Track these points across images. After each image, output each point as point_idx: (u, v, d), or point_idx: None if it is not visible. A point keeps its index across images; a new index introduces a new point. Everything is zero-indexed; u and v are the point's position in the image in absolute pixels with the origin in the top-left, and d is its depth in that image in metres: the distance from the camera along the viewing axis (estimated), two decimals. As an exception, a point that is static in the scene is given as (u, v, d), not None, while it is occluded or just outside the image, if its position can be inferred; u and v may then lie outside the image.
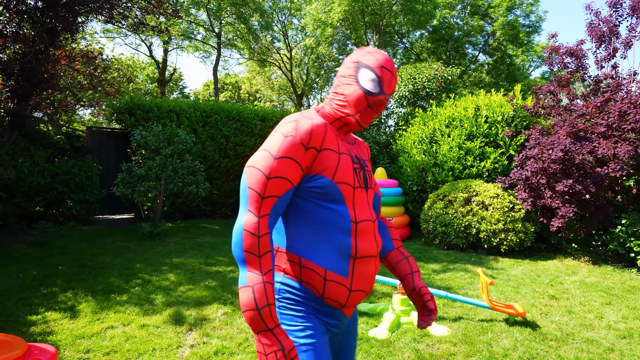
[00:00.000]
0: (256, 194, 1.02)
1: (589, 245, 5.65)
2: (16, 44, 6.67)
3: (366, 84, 1.17)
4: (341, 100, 1.19)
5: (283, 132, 1.07)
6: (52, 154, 7.01)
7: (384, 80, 1.18)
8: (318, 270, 1.10)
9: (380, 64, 1.18)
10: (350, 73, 1.19)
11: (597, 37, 5.82)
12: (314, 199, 1.11)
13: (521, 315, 3.18)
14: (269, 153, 1.05)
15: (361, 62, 1.19)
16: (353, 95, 1.17)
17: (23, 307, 3.28)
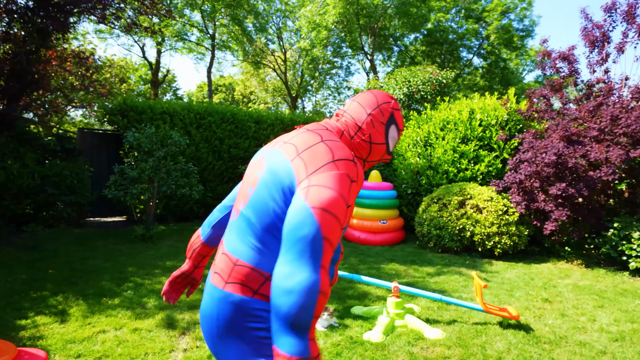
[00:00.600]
0: (331, 247, 0.89)
1: (581, 249, 5.70)
2: (6, 44, 6.57)
3: (391, 142, 1.18)
4: (365, 142, 1.16)
5: (349, 174, 0.97)
6: (43, 155, 6.91)
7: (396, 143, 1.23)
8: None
9: (402, 128, 1.22)
10: (383, 121, 1.17)
11: (590, 41, 5.89)
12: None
13: (515, 319, 3.18)
14: (343, 200, 0.92)
15: (394, 118, 1.19)
16: (379, 146, 1.17)
17: (12, 311, 3.21)
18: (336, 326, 3.16)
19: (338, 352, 2.73)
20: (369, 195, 6.63)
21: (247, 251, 1.03)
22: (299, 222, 0.89)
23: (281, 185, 1.00)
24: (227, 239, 1.11)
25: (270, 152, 1.12)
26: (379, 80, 9.62)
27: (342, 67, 22.30)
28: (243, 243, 1.05)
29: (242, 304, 1.00)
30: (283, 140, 1.14)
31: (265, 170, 1.06)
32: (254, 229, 1.03)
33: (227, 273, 1.04)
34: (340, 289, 4.09)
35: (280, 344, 0.85)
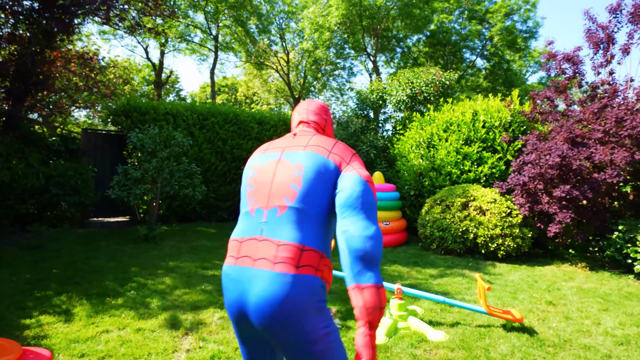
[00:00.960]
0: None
1: (586, 251, 5.67)
2: (11, 45, 6.62)
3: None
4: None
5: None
6: (47, 155, 6.94)
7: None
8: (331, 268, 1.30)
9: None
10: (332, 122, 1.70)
11: (594, 43, 5.86)
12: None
13: (519, 321, 3.17)
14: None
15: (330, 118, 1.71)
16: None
17: (16, 310, 3.23)
18: (339, 327, 3.15)
19: (341, 353, 2.73)
20: (372, 196, 6.62)
21: (309, 237, 1.24)
22: (363, 191, 1.21)
23: (329, 175, 1.28)
24: (277, 232, 1.24)
25: (296, 153, 1.35)
26: (381, 81, 9.61)
27: (345, 69, 22.31)
28: (303, 231, 1.23)
29: (312, 282, 1.19)
30: (303, 144, 1.38)
31: (306, 169, 1.29)
32: (310, 217, 1.25)
33: (296, 259, 1.20)
34: (343, 291, 4.08)
35: (365, 280, 1.12)
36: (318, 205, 1.26)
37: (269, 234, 1.24)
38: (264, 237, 1.25)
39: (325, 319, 1.20)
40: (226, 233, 7.08)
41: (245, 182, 1.40)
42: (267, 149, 1.46)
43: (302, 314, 1.16)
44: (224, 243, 6.22)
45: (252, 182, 1.36)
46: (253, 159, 1.45)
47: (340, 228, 1.19)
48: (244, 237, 1.30)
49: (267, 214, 1.28)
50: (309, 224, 1.25)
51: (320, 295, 1.21)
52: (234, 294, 1.25)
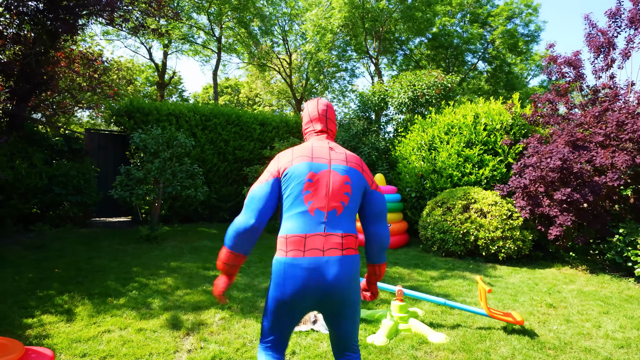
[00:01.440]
0: None
1: (586, 254, 5.67)
2: (16, 46, 6.66)
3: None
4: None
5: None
6: (50, 155, 6.98)
7: None
8: None
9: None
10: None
11: (595, 47, 5.88)
12: None
13: (519, 324, 3.17)
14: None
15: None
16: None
17: (19, 310, 3.25)
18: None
19: (341, 354, 2.74)
20: (373, 198, 6.63)
21: (353, 228, 1.69)
22: (384, 204, 1.80)
23: (363, 187, 1.76)
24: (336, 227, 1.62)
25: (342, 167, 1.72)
26: (383, 84, 9.63)
27: (347, 70, 22.35)
28: (351, 224, 1.68)
29: (358, 259, 1.67)
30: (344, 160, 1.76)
31: (352, 181, 1.71)
32: (353, 214, 1.70)
33: (354, 245, 1.65)
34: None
35: (382, 259, 1.82)
36: (356, 207, 1.74)
37: (332, 230, 1.61)
38: (327, 233, 1.60)
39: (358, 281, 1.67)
40: (227, 234, 7.10)
41: (301, 185, 1.64)
42: (312, 157, 1.72)
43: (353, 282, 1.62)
44: (225, 244, 6.24)
45: (309, 186, 1.64)
46: (304, 165, 1.68)
47: (372, 228, 1.78)
48: (307, 234, 1.59)
49: (327, 215, 1.62)
50: (352, 218, 1.70)
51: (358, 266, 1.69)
52: (304, 278, 1.55)
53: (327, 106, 1.91)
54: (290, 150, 1.78)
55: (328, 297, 1.57)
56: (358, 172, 1.75)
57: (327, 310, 1.63)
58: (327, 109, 1.90)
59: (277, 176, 1.70)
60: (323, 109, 1.90)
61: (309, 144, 1.82)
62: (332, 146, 1.80)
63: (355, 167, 1.75)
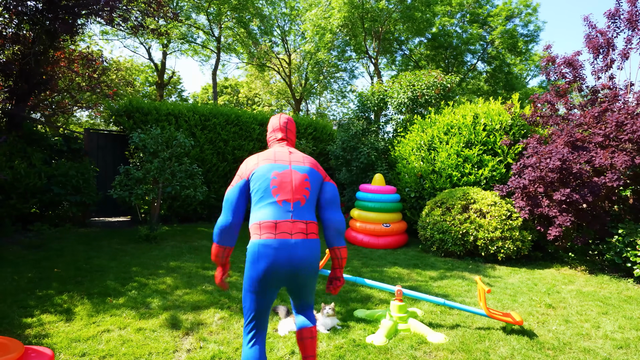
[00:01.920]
0: None
1: (585, 255, 5.68)
2: (15, 45, 6.65)
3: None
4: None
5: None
6: (49, 155, 6.97)
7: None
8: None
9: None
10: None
11: (594, 48, 5.89)
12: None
13: (518, 324, 3.18)
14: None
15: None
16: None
17: (18, 309, 3.25)
18: (339, 328, 3.16)
19: (341, 355, 2.74)
20: (373, 198, 6.63)
21: (314, 216, 2.03)
22: (336, 192, 2.12)
23: (320, 182, 2.12)
24: (301, 215, 1.95)
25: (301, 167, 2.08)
26: (382, 84, 9.63)
27: (347, 71, 22.36)
28: (312, 213, 2.03)
29: (318, 242, 2.01)
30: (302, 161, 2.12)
31: (311, 179, 2.07)
32: (313, 205, 2.05)
33: (315, 230, 2.00)
34: (343, 292, 4.09)
35: (340, 242, 2.09)
36: (315, 199, 2.08)
37: (297, 218, 1.94)
38: (294, 220, 1.93)
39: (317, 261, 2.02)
40: (227, 234, 7.09)
41: (267, 182, 1.97)
42: (274, 159, 2.07)
43: (315, 264, 1.97)
44: (224, 244, 6.23)
45: (275, 182, 1.97)
46: (268, 166, 2.02)
47: (327, 215, 2.10)
48: (278, 220, 1.90)
49: (293, 205, 1.95)
50: (313, 209, 2.04)
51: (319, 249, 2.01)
52: (275, 257, 1.85)
53: (288, 120, 2.32)
54: (256, 155, 2.11)
55: (295, 272, 1.90)
56: (314, 170, 2.11)
57: (293, 284, 1.98)
58: (287, 122, 2.30)
59: (245, 177, 2.03)
60: (284, 121, 2.30)
61: (271, 149, 2.17)
62: (292, 151, 2.17)
63: (312, 166, 2.11)
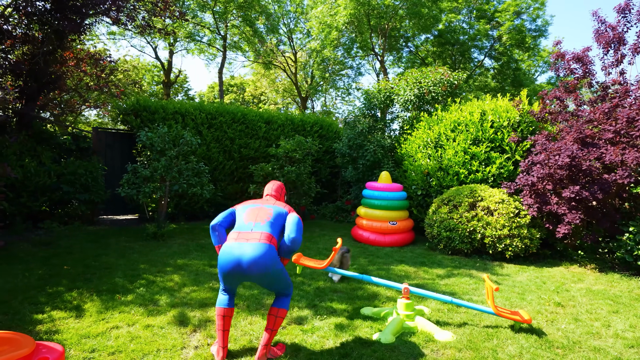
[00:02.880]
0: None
1: (595, 253, 5.61)
2: (25, 45, 6.73)
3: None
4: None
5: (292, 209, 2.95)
6: (59, 154, 7.05)
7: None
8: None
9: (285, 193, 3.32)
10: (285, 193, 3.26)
11: (604, 43, 5.79)
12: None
13: (527, 322, 3.15)
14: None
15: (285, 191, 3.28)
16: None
17: (29, 305, 3.29)
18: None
19: (347, 352, 2.74)
20: (379, 196, 6.61)
21: (275, 234, 2.67)
22: (297, 220, 2.73)
23: (283, 216, 2.80)
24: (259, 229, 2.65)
25: (269, 205, 2.88)
26: (389, 81, 9.58)
27: (352, 68, 22.29)
28: (272, 231, 2.66)
29: (274, 249, 2.57)
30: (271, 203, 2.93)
31: (274, 212, 2.80)
32: (275, 228, 2.71)
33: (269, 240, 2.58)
34: (350, 290, 4.09)
35: (287, 257, 2.74)
36: (277, 224, 2.73)
37: (256, 230, 2.64)
38: (253, 231, 2.63)
39: (277, 264, 2.55)
40: (233, 232, 7.12)
41: (243, 212, 2.82)
42: (253, 202, 2.93)
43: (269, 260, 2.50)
44: (231, 241, 6.26)
45: (247, 212, 2.81)
46: (248, 204, 2.90)
47: (288, 236, 2.64)
48: (241, 231, 2.66)
49: (255, 224, 2.69)
50: (273, 228, 2.68)
51: (277, 257, 2.56)
52: (231, 253, 2.51)
53: (275, 184, 3.17)
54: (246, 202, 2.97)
55: (244, 266, 2.47)
56: (280, 207, 2.86)
57: (249, 278, 2.55)
58: (273, 186, 3.15)
59: (234, 209, 2.89)
60: (271, 187, 3.14)
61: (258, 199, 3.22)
62: (268, 199, 3.01)
63: (279, 206, 2.88)
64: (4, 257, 4.68)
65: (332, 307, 3.59)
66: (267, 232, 2.61)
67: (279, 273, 2.58)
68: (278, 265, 2.55)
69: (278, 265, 2.55)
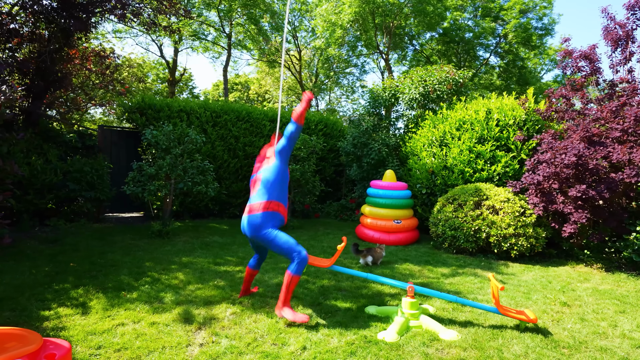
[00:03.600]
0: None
1: (601, 252, 5.56)
2: (32, 44, 6.77)
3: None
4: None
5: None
6: (65, 152, 7.10)
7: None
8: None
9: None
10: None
11: (612, 40, 5.73)
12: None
13: (533, 322, 3.13)
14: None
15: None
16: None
17: (36, 302, 3.32)
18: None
19: (352, 351, 2.74)
20: (383, 194, 6.60)
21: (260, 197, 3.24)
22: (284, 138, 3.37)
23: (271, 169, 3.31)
24: (250, 201, 3.28)
25: (260, 171, 3.34)
26: (394, 79, 9.54)
27: (357, 66, 22.24)
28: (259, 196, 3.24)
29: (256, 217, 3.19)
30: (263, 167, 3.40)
31: (261, 178, 3.29)
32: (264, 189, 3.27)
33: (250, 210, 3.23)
34: (355, 288, 4.09)
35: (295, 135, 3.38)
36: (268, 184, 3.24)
37: (249, 203, 3.27)
38: (248, 204, 3.27)
39: (266, 228, 3.13)
40: (238, 230, 7.15)
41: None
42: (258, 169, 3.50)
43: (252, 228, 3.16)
44: (236, 239, 6.29)
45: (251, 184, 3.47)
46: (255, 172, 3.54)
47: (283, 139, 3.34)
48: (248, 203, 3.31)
49: (250, 197, 3.31)
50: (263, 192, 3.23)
51: (259, 225, 3.13)
52: (242, 223, 3.27)
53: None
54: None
55: (244, 232, 3.24)
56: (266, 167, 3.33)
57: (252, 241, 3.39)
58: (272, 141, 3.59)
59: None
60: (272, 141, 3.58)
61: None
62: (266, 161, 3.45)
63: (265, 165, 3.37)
64: (11, 254, 4.72)
65: (336, 305, 3.59)
66: (254, 202, 3.19)
67: (264, 238, 3.13)
68: (262, 230, 3.12)
69: (262, 231, 3.12)
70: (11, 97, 4.06)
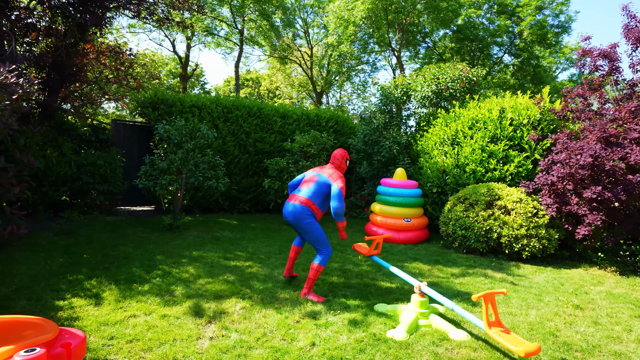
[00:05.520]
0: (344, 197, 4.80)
1: (616, 255, 5.46)
2: (48, 38, 6.87)
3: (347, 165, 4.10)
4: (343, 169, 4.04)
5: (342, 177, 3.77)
6: (79, 145, 7.21)
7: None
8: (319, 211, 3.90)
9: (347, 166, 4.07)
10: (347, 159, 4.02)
11: (633, 39, 5.59)
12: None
13: (527, 356, 2.37)
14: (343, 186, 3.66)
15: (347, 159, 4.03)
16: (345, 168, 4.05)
17: (51, 292, 3.39)
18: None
19: (361, 348, 2.74)
20: (394, 193, 6.57)
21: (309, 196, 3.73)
22: (336, 191, 3.59)
23: (327, 184, 3.75)
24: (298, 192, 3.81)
25: (318, 174, 3.84)
26: (406, 77, 9.46)
27: (369, 63, 22.11)
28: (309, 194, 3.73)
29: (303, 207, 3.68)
30: (321, 172, 3.85)
31: (317, 180, 3.79)
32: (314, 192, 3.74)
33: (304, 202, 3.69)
34: (363, 286, 4.08)
35: (338, 219, 3.67)
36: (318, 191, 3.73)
37: (296, 193, 3.79)
38: (296, 195, 3.78)
39: (307, 218, 3.64)
40: (247, 225, 7.19)
41: (303, 178, 3.97)
42: (314, 170, 3.93)
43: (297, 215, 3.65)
44: (245, 235, 6.32)
45: (305, 178, 3.93)
46: (310, 171, 3.97)
47: (331, 205, 3.59)
48: (293, 194, 3.82)
49: (300, 189, 3.86)
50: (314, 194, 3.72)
51: (305, 214, 3.63)
52: (285, 209, 3.74)
53: (336, 152, 3.96)
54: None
55: (286, 216, 3.71)
56: (325, 176, 3.73)
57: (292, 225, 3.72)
58: (334, 153, 3.96)
59: (305, 174, 4.00)
60: (333, 155, 3.96)
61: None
62: (324, 169, 3.86)
63: (325, 174, 3.76)
64: (27, 244, 4.82)
65: (345, 302, 3.60)
66: (304, 197, 3.68)
67: (306, 226, 3.60)
68: (307, 219, 3.60)
69: (307, 220, 3.60)
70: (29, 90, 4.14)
